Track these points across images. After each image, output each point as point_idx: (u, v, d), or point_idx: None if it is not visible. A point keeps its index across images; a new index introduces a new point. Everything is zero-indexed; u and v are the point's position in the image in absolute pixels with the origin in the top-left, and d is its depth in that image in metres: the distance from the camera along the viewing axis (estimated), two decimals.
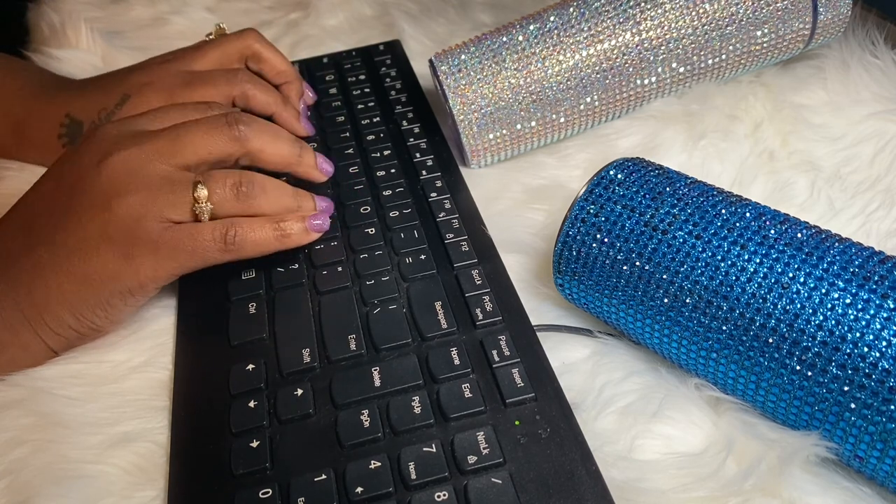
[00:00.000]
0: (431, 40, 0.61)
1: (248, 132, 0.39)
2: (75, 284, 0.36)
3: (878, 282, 0.28)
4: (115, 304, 0.37)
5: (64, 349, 0.37)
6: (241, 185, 0.37)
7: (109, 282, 0.36)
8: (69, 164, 0.38)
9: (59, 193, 0.37)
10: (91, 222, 0.36)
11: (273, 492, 0.31)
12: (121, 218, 0.35)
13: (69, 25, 0.62)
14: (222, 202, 0.37)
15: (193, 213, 0.36)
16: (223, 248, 0.37)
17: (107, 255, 0.36)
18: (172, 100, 0.46)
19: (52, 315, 0.36)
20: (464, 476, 0.30)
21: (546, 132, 0.47)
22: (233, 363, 0.36)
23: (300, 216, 0.38)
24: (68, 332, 0.37)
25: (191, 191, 0.36)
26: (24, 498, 0.31)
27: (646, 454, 0.32)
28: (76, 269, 0.35)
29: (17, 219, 0.38)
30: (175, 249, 0.36)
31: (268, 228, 0.37)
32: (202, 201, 0.36)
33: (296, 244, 0.39)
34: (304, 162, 0.42)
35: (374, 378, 0.34)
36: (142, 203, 0.36)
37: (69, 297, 0.36)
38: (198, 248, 0.36)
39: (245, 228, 0.37)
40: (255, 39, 0.50)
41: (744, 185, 0.44)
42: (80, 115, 0.47)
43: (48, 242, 0.36)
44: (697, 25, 0.45)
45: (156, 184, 0.36)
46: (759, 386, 0.30)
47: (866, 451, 0.28)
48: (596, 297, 0.35)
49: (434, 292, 0.38)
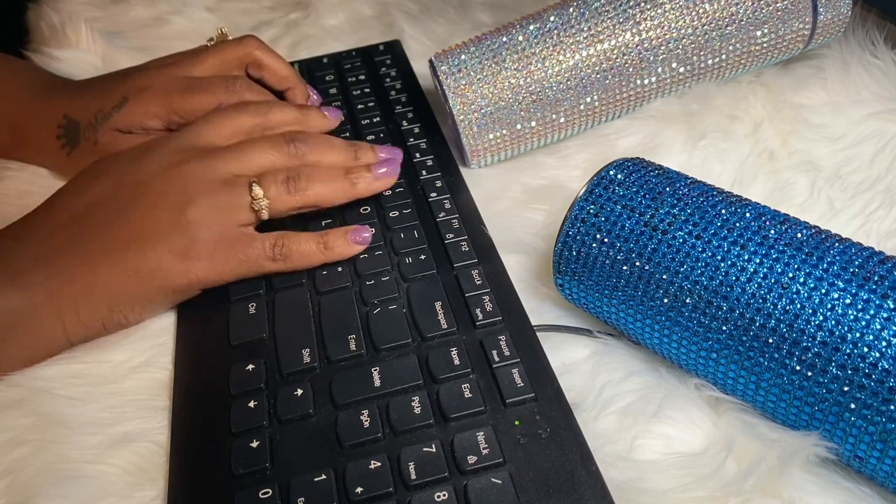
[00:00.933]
0: (431, 40, 0.61)
1: (305, 147, 0.42)
2: (124, 275, 0.37)
3: (878, 282, 0.28)
4: (155, 300, 0.38)
5: (81, 341, 0.38)
6: (290, 180, 0.40)
7: (159, 278, 0.37)
8: (131, 167, 0.40)
9: (118, 192, 0.39)
10: (154, 221, 0.38)
11: (273, 492, 0.31)
12: (185, 219, 0.38)
13: (69, 25, 0.62)
14: (277, 197, 0.39)
15: (253, 210, 0.39)
16: (272, 257, 0.39)
17: (163, 252, 0.37)
18: (170, 104, 0.46)
19: (88, 303, 0.37)
20: (464, 476, 0.30)
21: (546, 132, 0.47)
22: (233, 363, 0.36)
23: (343, 231, 0.41)
24: (95, 323, 0.37)
25: (248, 191, 0.39)
26: (24, 498, 0.31)
27: (646, 454, 0.32)
28: (130, 261, 0.37)
29: (65, 210, 0.39)
30: (229, 254, 0.38)
31: (313, 242, 0.40)
32: (259, 198, 0.39)
33: (339, 257, 0.40)
34: (362, 160, 0.43)
35: (374, 378, 0.34)
36: (205, 206, 0.38)
37: (114, 288, 0.37)
38: (250, 256, 0.39)
39: (292, 240, 0.39)
40: (256, 46, 0.50)
41: (744, 185, 0.44)
42: (78, 116, 0.47)
43: (104, 234, 0.37)
44: (697, 25, 0.45)
45: (217, 188, 0.39)
46: (759, 386, 0.30)
47: (866, 451, 0.28)
48: (596, 297, 0.35)
49: (434, 292, 0.38)
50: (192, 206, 0.38)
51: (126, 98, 0.47)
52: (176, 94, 0.46)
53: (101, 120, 0.47)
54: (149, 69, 0.49)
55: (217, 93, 0.47)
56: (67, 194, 0.40)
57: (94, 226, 0.38)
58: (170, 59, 0.50)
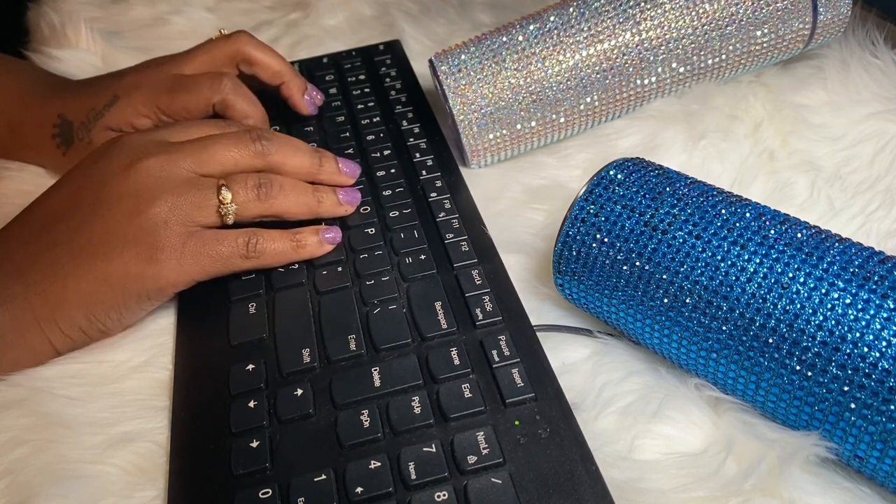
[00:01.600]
0: (431, 40, 0.61)
1: (270, 147, 0.41)
2: (94, 284, 0.36)
3: (878, 282, 0.28)
4: (130, 306, 0.37)
5: (68, 350, 0.38)
6: (261, 186, 0.39)
7: (130, 283, 0.36)
8: (92, 168, 0.39)
9: (82, 196, 0.38)
10: (117, 224, 0.36)
11: (273, 492, 0.31)
12: (148, 221, 0.36)
13: (69, 25, 0.62)
14: (245, 203, 0.38)
15: (219, 214, 0.38)
16: (245, 254, 0.38)
17: (130, 257, 0.36)
18: (156, 103, 0.46)
19: (64, 315, 0.36)
20: (464, 476, 0.30)
21: (546, 132, 0.47)
22: (233, 363, 0.36)
23: (314, 230, 0.40)
24: (77, 333, 0.37)
25: (215, 193, 0.38)
26: (24, 498, 0.31)
27: (646, 454, 0.32)
28: (97, 269, 0.36)
29: (35, 220, 0.38)
30: (199, 254, 0.37)
31: (286, 239, 0.39)
32: (226, 202, 0.38)
33: (311, 255, 0.40)
34: (325, 169, 0.43)
35: (374, 378, 0.34)
36: (169, 207, 0.37)
37: (86, 298, 0.36)
38: (221, 254, 0.38)
39: (265, 238, 0.39)
40: (246, 42, 0.49)
41: (744, 185, 0.44)
42: (71, 116, 0.47)
43: (69, 242, 0.36)
44: (697, 25, 0.45)
45: (182, 188, 0.37)
46: (759, 386, 0.30)
47: (866, 451, 0.28)
48: (596, 297, 0.35)
49: (434, 292, 0.38)
50: (154, 207, 0.36)
51: (117, 97, 0.47)
52: (163, 93, 0.46)
53: (94, 119, 0.47)
54: (143, 68, 0.49)
55: (202, 91, 0.46)
56: (39, 202, 0.39)
57: (61, 234, 0.37)
58: (165, 59, 0.50)
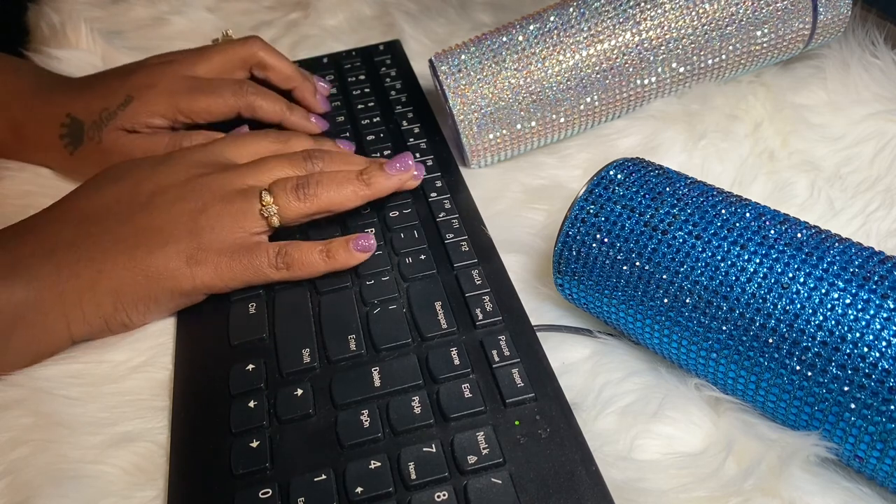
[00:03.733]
0: (431, 40, 0.61)
1: (322, 165, 0.42)
2: (131, 273, 0.37)
3: (878, 282, 0.28)
4: (161, 301, 0.38)
5: (83, 339, 0.38)
6: (299, 186, 0.40)
7: (166, 278, 0.37)
8: (152, 173, 0.40)
9: (135, 195, 0.39)
10: (165, 223, 0.38)
11: (273, 492, 0.31)
12: (196, 224, 0.38)
13: (69, 25, 0.62)
14: (286, 204, 0.39)
15: (263, 216, 0.39)
16: (276, 265, 0.39)
17: (172, 253, 0.37)
18: (176, 104, 0.47)
19: (93, 299, 0.37)
20: (464, 476, 0.30)
21: (546, 132, 0.47)
22: (233, 363, 0.36)
23: (345, 240, 0.40)
24: (98, 321, 0.37)
25: (258, 198, 0.39)
26: (24, 498, 0.31)
27: (646, 454, 0.32)
28: (137, 259, 0.37)
29: (75, 211, 0.39)
30: (234, 262, 0.38)
31: (316, 252, 0.39)
32: (268, 204, 0.39)
33: (343, 266, 0.40)
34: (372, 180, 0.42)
35: (374, 378, 0.34)
36: (217, 213, 0.38)
37: (119, 285, 0.37)
38: (254, 264, 0.39)
39: (295, 250, 0.39)
40: (260, 47, 0.50)
41: (744, 185, 0.44)
42: (82, 115, 0.47)
43: (114, 233, 0.38)
44: (697, 25, 0.45)
45: (231, 197, 0.39)
46: (759, 386, 0.30)
47: (866, 451, 0.28)
48: (596, 297, 0.35)
49: (434, 292, 0.38)
50: (204, 213, 0.38)
51: (131, 97, 0.47)
52: (183, 95, 0.47)
53: (106, 119, 0.47)
54: (151, 66, 0.49)
55: (225, 96, 0.47)
56: (82, 194, 0.40)
57: (105, 224, 0.38)
58: (172, 57, 0.50)
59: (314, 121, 0.50)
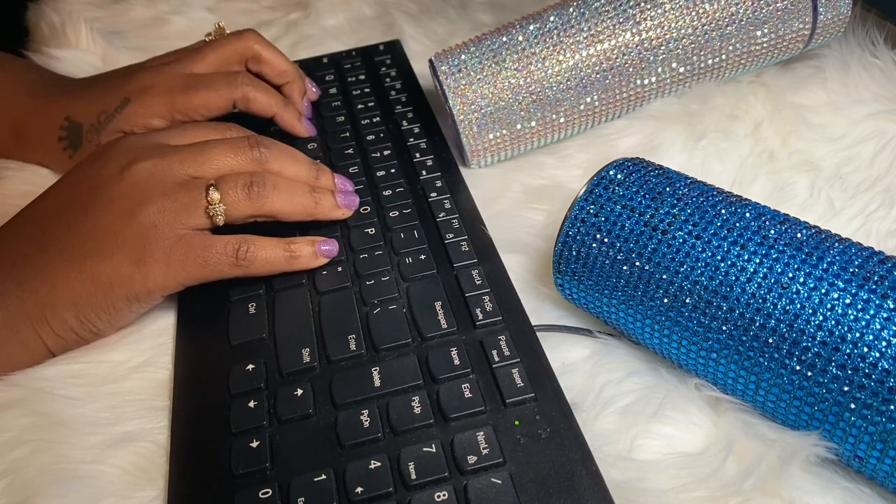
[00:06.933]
0: (431, 40, 0.61)
1: (269, 154, 0.40)
2: (83, 285, 0.36)
3: (878, 282, 0.28)
4: (119, 308, 0.37)
5: (62, 351, 0.37)
6: (253, 185, 0.38)
7: (118, 285, 0.36)
8: (89, 170, 0.38)
9: (76, 197, 0.38)
10: (108, 226, 0.36)
11: (273, 492, 0.31)
12: (138, 224, 0.36)
13: (69, 25, 0.62)
14: (235, 203, 0.37)
15: (208, 215, 0.37)
16: (234, 262, 0.37)
17: (119, 259, 0.36)
18: (173, 103, 0.46)
19: (55, 315, 0.36)
20: (464, 476, 0.30)
21: (546, 132, 0.47)
22: (233, 363, 0.36)
23: (311, 240, 0.39)
24: (69, 334, 0.37)
25: (204, 194, 0.37)
26: (24, 498, 0.31)
27: (646, 454, 0.32)
28: (87, 270, 0.36)
29: (30, 221, 0.38)
30: (187, 259, 0.37)
31: (279, 248, 0.38)
32: (215, 203, 0.37)
33: (304, 267, 0.39)
34: (322, 182, 0.42)
35: (374, 378, 0.34)
36: (159, 210, 0.36)
37: (75, 298, 0.36)
38: (209, 260, 0.37)
39: (257, 245, 0.38)
40: (255, 40, 0.50)
41: (744, 185, 0.44)
42: (80, 118, 0.47)
43: (61, 243, 0.36)
44: (697, 25, 0.45)
45: (173, 191, 0.37)
46: (759, 386, 0.30)
47: (866, 451, 0.28)
48: (596, 297, 0.35)
49: (434, 292, 0.38)
50: (145, 210, 0.36)
51: (128, 99, 0.47)
52: (178, 93, 0.46)
53: (105, 122, 0.47)
54: (149, 67, 0.49)
55: (219, 89, 0.47)
56: (38, 202, 0.39)
57: (53, 233, 0.37)
58: (170, 57, 0.50)
59: (304, 124, 0.50)
